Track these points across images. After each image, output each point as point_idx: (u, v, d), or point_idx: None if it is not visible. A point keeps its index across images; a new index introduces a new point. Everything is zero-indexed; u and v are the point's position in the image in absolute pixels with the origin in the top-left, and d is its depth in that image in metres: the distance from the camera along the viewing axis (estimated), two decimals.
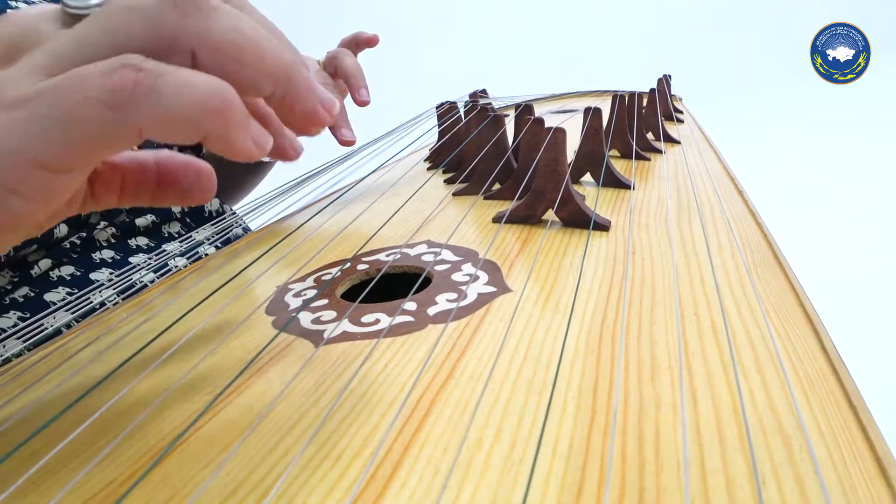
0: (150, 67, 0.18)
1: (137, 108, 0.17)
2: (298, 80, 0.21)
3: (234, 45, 0.19)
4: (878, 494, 0.17)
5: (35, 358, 0.32)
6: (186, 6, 0.19)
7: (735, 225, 0.40)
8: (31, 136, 0.17)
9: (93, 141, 0.18)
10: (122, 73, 0.17)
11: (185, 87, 0.18)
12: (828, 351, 0.24)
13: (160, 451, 0.21)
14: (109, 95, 0.17)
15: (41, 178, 0.18)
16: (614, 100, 0.63)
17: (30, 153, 0.18)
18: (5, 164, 0.17)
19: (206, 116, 0.18)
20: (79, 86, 0.17)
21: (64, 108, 0.17)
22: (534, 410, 0.21)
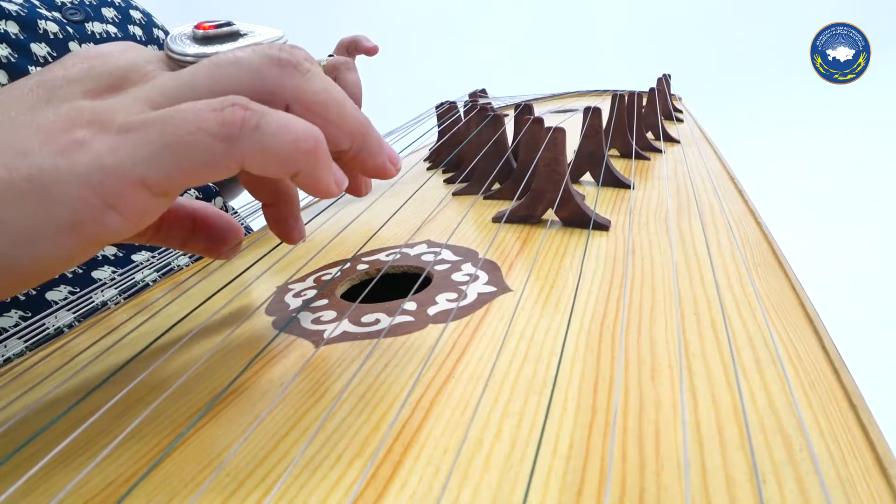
0: (255, 108, 0.20)
1: (243, 143, 0.20)
2: (371, 139, 0.24)
3: (324, 105, 0.22)
4: (879, 493, 0.17)
5: (36, 358, 0.32)
6: (287, 67, 0.22)
7: (735, 224, 0.40)
8: (140, 159, 0.19)
9: (198, 168, 0.20)
10: (232, 110, 0.20)
11: (284, 128, 0.20)
12: (828, 350, 0.24)
13: (161, 451, 0.21)
14: (220, 128, 0.19)
15: (141, 198, 0.20)
16: (614, 99, 0.63)
17: (138, 174, 0.19)
18: (112, 182, 0.19)
19: (300, 155, 0.21)
20: (193, 117, 0.19)
21: (176, 136, 0.19)
22: (534, 410, 0.21)
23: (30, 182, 0.18)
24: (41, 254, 0.19)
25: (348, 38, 0.65)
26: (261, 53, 0.22)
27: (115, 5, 0.62)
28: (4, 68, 0.48)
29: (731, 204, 0.45)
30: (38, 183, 0.19)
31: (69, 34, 0.54)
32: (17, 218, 0.19)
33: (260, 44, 0.23)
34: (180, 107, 0.20)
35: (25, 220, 0.19)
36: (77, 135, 0.19)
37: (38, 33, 0.51)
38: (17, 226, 0.19)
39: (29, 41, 0.50)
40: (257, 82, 0.21)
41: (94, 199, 0.19)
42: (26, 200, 0.18)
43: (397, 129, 0.70)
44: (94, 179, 0.19)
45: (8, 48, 0.48)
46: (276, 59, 0.22)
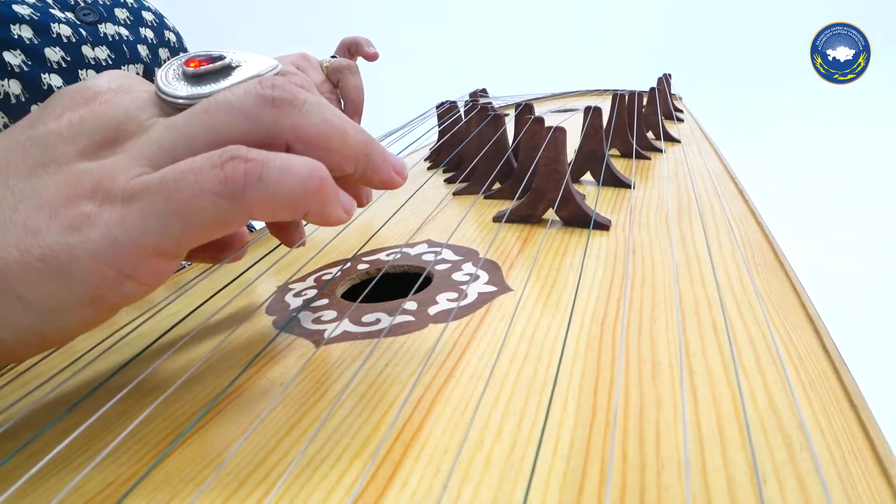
0: (255, 157, 0.20)
1: (248, 196, 0.19)
2: (376, 157, 0.24)
3: (324, 136, 0.22)
4: (879, 493, 0.17)
5: (37, 357, 0.32)
6: (283, 106, 0.21)
7: (735, 224, 0.40)
8: (150, 229, 0.19)
9: (208, 228, 0.20)
10: (233, 165, 0.19)
11: (287, 172, 0.20)
12: (828, 350, 0.24)
13: (161, 450, 0.21)
14: (223, 186, 0.19)
15: (156, 263, 0.20)
16: (614, 99, 0.63)
17: (150, 245, 0.19)
18: (126, 255, 0.19)
19: (307, 197, 0.20)
20: (193, 179, 0.19)
21: (181, 201, 0.19)
22: (534, 410, 0.21)
23: (43, 262, 0.19)
24: (65, 326, 0.20)
25: (350, 38, 0.65)
26: (254, 95, 0.21)
27: (127, 6, 0.62)
28: (18, 77, 0.48)
29: (732, 204, 0.45)
30: (52, 262, 0.19)
31: (82, 37, 0.54)
32: (38, 297, 0.19)
33: (252, 78, 0.23)
34: (178, 167, 0.19)
35: (46, 298, 0.19)
36: (83, 208, 0.19)
37: (51, 37, 0.51)
38: (39, 304, 0.19)
39: (43, 46, 0.50)
40: (254, 126, 0.21)
41: (111, 273, 0.19)
42: (44, 280, 0.19)
43: (397, 128, 0.70)
44: (108, 255, 0.19)
45: (21, 55, 0.48)
46: (270, 99, 0.21)
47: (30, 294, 0.19)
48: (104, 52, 0.56)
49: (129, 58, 0.59)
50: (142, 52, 0.60)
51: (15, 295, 0.19)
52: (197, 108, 0.21)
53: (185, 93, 0.22)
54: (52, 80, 0.50)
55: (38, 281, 0.19)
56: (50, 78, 0.50)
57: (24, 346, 0.20)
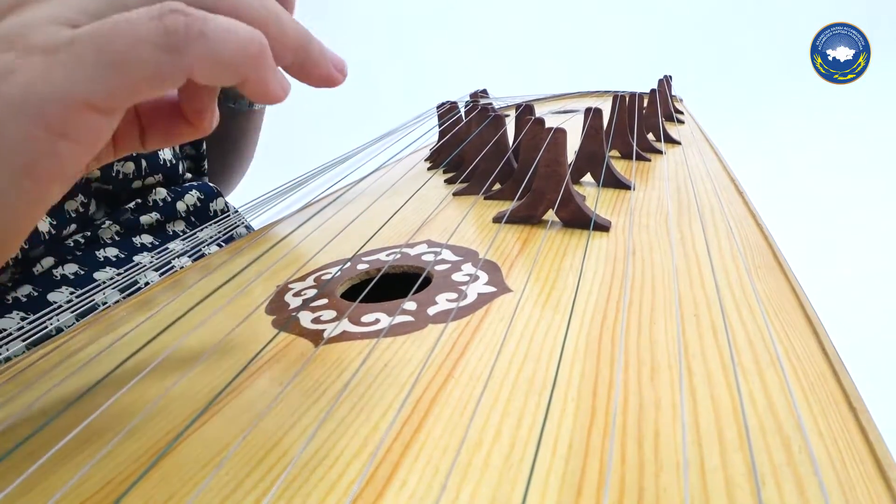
0: (194, 13, 0.18)
1: (189, 51, 0.18)
2: (313, 49, 0.23)
3: (263, 21, 0.21)
4: (878, 495, 0.17)
5: (35, 357, 0.32)
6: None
7: (735, 226, 0.40)
8: (78, 80, 0.18)
9: (145, 81, 0.18)
10: (173, 17, 0.18)
11: (229, 32, 0.19)
12: (828, 352, 0.24)
13: (159, 450, 0.21)
14: (164, 38, 0.18)
15: (90, 119, 0.18)
16: (615, 100, 0.63)
17: (80, 96, 0.18)
18: (54, 109, 0.17)
19: (248, 60, 0.19)
20: (130, 29, 0.18)
21: (116, 51, 0.18)
22: (533, 410, 0.21)
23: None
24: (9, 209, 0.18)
25: None
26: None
27: None
28: None
29: (732, 205, 0.45)
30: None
31: None
32: None
33: None
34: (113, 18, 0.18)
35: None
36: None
37: None
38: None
39: None
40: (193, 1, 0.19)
41: (40, 132, 0.18)
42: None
43: (398, 128, 0.70)
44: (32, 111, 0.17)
45: None
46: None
47: None
48: None
49: None
50: None
51: None
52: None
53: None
54: None
55: None
56: None
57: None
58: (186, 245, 0.53)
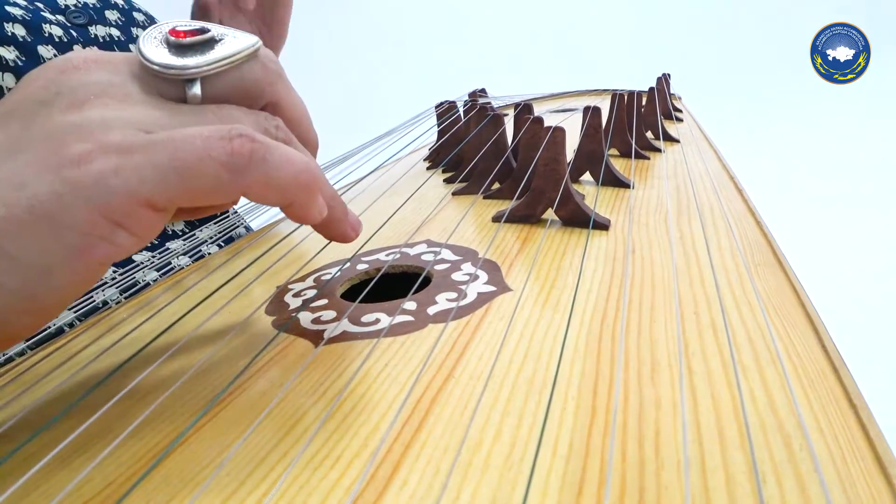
0: (261, 140, 0.21)
1: (249, 173, 0.20)
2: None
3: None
4: (879, 492, 0.17)
5: (36, 358, 0.32)
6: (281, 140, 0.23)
7: (735, 224, 0.40)
8: (147, 180, 0.19)
9: (203, 193, 0.20)
10: (241, 142, 0.20)
11: (287, 162, 0.21)
12: (828, 349, 0.24)
13: (161, 451, 0.21)
14: (229, 158, 0.20)
15: (147, 215, 0.20)
16: (614, 99, 0.63)
17: (144, 195, 0.19)
18: (120, 202, 0.19)
19: (298, 189, 0.22)
20: (202, 145, 0.20)
21: (184, 161, 0.19)
22: (534, 410, 0.21)
23: (31, 213, 0.18)
24: (57, 284, 0.19)
25: None
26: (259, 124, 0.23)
27: (118, 7, 0.62)
28: (12, 71, 0.48)
29: (731, 203, 0.45)
30: (40, 212, 0.18)
31: (73, 38, 0.54)
32: (26, 252, 0.18)
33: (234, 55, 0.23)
34: (188, 130, 0.20)
35: (35, 253, 0.18)
36: (70, 153, 0.19)
37: (43, 36, 0.51)
38: (27, 261, 0.18)
39: (36, 44, 0.50)
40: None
41: (102, 220, 0.19)
42: (32, 233, 0.18)
43: (397, 128, 0.70)
44: (100, 200, 0.19)
45: (15, 51, 0.48)
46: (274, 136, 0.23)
47: (17, 249, 0.18)
48: None
49: None
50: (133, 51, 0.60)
51: (3, 252, 0.18)
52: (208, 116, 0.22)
53: (167, 62, 0.22)
54: None
55: (26, 234, 0.18)
56: None
57: (17, 314, 0.19)
58: (186, 245, 0.53)
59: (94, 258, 0.19)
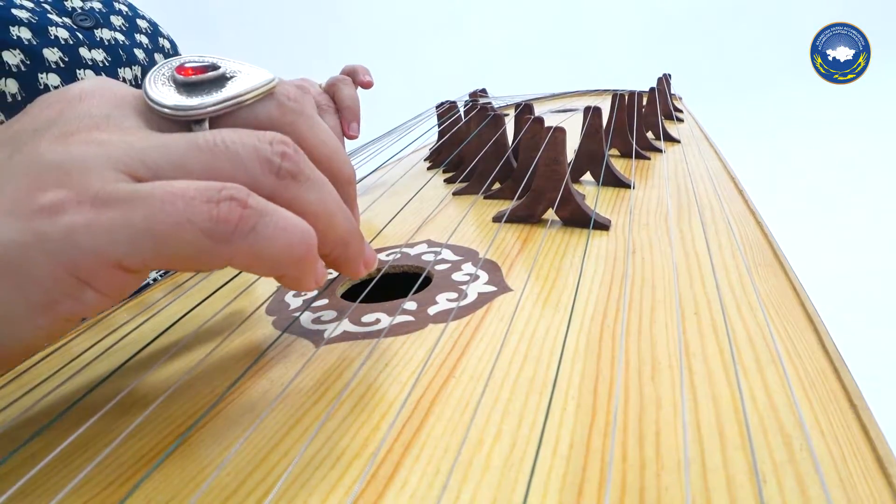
0: (253, 205, 0.19)
1: (234, 243, 0.18)
2: (352, 248, 0.24)
3: (314, 216, 0.21)
4: (879, 492, 0.17)
5: (36, 358, 0.32)
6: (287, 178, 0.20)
7: (735, 224, 0.40)
8: (118, 241, 0.18)
9: (179, 259, 0.18)
10: (229, 207, 0.18)
11: (281, 232, 0.19)
12: (828, 350, 0.24)
13: (161, 451, 0.21)
14: (213, 225, 0.18)
15: (118, 276, 0.18)
16: (614, 99, 0.63)
17: (114, 256, 0.18)
18: (87, 262, 0.18)
19: (290, 262, 0.20)
20: (182, 207, 0.18)
21: (161, 225, 0.18)
22: (534, 410, 0.21)
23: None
24: (19, 336, 0.18)
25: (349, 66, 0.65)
26: (261, 156, 0.20)
27: (122, 14, 0.63)
28: (15, 77, 0.48)
29: (732, 204, 0.45)
30: (6, 260, 0.17)
31: (79, 40, 0.54)
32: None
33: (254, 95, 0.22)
34: (171, 187, 0.18)
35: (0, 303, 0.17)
36: (43, 200, 0.17)
37: (49, 39, 0.51)
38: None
39: (41, 46, 0.50)
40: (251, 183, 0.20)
41: (67, 277, 0.18)
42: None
43: (397, 128, 0.70)
44: (65, 258, 0.17)
45: (21, 54, 0.49)
46: (277, 169, 0.20)
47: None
48: (101, 55, 0.56)
49: (126, 61, 0.59)
50: (138, 55, 0.61)
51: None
52: (199, 144, 0.19)
53: (172, 102, 0.21)
54: (49, 79, 0.51)
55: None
56: (47, 77, 0.50)
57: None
58: None
59: (59, 314, 0.18)
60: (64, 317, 0.18)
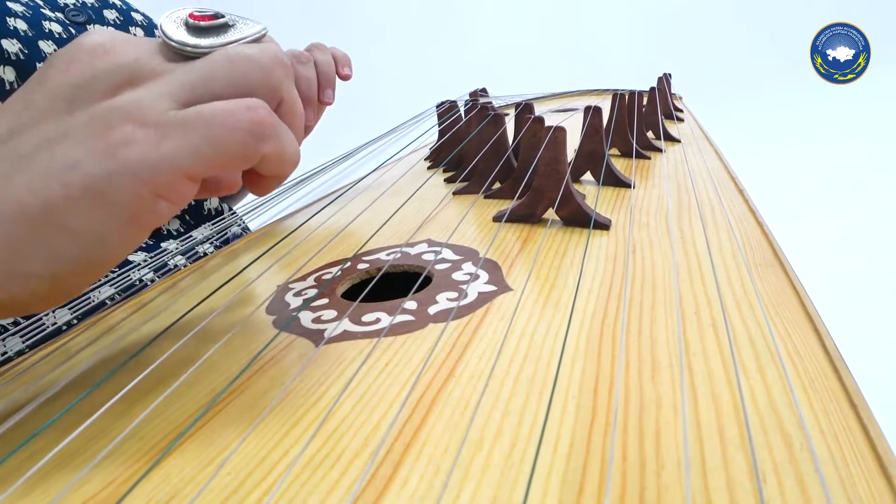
0: (275, 115, 0.23)
1: (268, 142, 0.23)
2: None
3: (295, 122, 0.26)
4: (879, 492, 0.17)
5: (35, 358, 0.32)
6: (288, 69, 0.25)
7: (735, 223, 0.40)
8: (183, 155, 0.21)
9: (232, 160, 0.23)
10: (262, 112, 0.23)
11: (291, 139, 0.25)
12: (828, 349, 0.24)
13: (161, 450, 0.21)
14: (254, 127, 0.22)
15: (184, 185, 0.22)
16: (614, 98, 0.63)
17: (183, 167, 0.22)
18: (161, 176, 0.21)
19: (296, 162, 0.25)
20: (231, 117, 0.22)
21: (217, 133, 0.22)
22: (534, 409, 0.21)
23: (86, 191, 0.20)
24: (111, 250, 0.22)
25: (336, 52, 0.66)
26: (270, 53, 0.24)
27: (116, 7, 0.62)
28: (13, 65, 0.48)
29: (732, 203, 0.45)
30: (93, 189, 0.20)
31: (72, 35, 0.54)
32: (85, 225, 0.21)
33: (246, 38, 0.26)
34: (214, 106, 0.22)
35: (91, 225, 0.21)
36: (115, 136, 0.21)
37: (44, 31, 0.51)
38: (85, 231, 0.21)
39: (37, 38, 0.50)
40: (266, 78, 0.24)
41: (147, 193, 0.21)
42: (88, 207, 0.21)
43: (397, 127, 0.70)
44: (145, 176, 0.21)
45: (18, 44, 0.49)
46: (282, 62, 0.25)
47: (76, 224, 0.21)
48: None
49: None
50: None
51: (63, 227, 0.21)
52: (218, 56, 0.24)
53: (188, 41, 0.24)
54: None
55: (82, 210, 0.21)
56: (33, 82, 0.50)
57: (74, 277, 0.22)
58: (182, 245, 0.53)
59: (141, 225, 0.22)
60: (144, 227, 0.22)
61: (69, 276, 0.22)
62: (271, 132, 0.23)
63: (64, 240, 0.21)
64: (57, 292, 0.22)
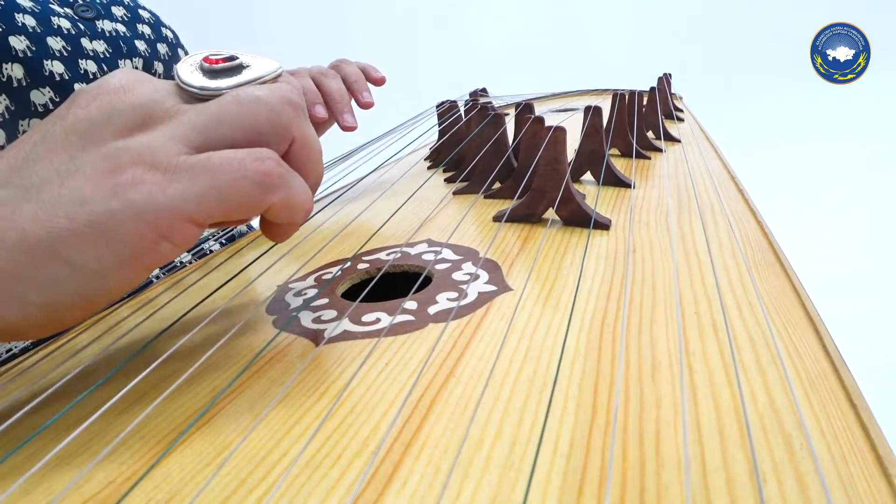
0: (284, 166, 0.24)
1: (275, 192, 0.24)
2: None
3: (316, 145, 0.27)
4: (879, 492, 0.17)
5: (38, 356, 0.32)
6: (299, 109, 0.25)
7: (735, 223, 0.40)
8: (189, 199, 0.22)
9: (236, 209, 0.23)
10: (270, 163, 0.23)
11: (302, 188, 0.25)
12: (828, 350, 0.24)
13: (161, 449, 0.21)
14: (262, 178, 0.23)
15: (188, 229, 0.23)
16: (614, 98, 0.63)
17: (187, 212, 0.22)
18: (166, 219, 0.22)
19: (305, 213, 0.26)
20: (238, 165, 0.23)
21: (224, 181, 0.22)
22: (534, 409, 0.21)
23: (91, 227, 0.21)
24: (109, 286, 0.22)
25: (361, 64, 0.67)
26: (278, 94, 0.25)
27: (124, 4, 0.63)
28: (21, 62, 0.48)
29: (732, 203, 0.45)
30: (98, 227, 0.21)
31: (81, 31, 0.54)
32: (86, 260, 0.21)
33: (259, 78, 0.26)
34: (224, 154, 0.23)
35: (92, 260, 0.21)
36: (124, 177, 0.22)
37: (52, 28, 0.51)
38: (86, 266, 0.21)
39: (45, 35, 0.50)
40: (275, 119, 0.24)
41: (150, 234, 0.22)
42: (91, 243, 0.21)
43: (397, 127, 0.70)
44: (149, 217, 0.21)
45: (26, 41, 0.49)
46: (291, 101, 0.25)
47: (77, 258, 0.21)
48: (102, 46, 0.56)
49: (127, 52, 0.59)
50: (139, 46, 0.61)
51: (64, 260, 0.21)
52: (228, 98, 0.24)
53: (202, 84, 0.25)
54: (53, 66, 0.50)
55: (85, 245, 0.21)
56: (52, 65, 0.50)
57: (69, 309, 0.22)
58: None
59: (142, 264, 0.22)
60: (146, 267, 0.23)
61: (65, 308, 0.22)
62: (279, 182, 0.23)
63: (64, 272, 0.21)
64: (52, 322, 0.22)
